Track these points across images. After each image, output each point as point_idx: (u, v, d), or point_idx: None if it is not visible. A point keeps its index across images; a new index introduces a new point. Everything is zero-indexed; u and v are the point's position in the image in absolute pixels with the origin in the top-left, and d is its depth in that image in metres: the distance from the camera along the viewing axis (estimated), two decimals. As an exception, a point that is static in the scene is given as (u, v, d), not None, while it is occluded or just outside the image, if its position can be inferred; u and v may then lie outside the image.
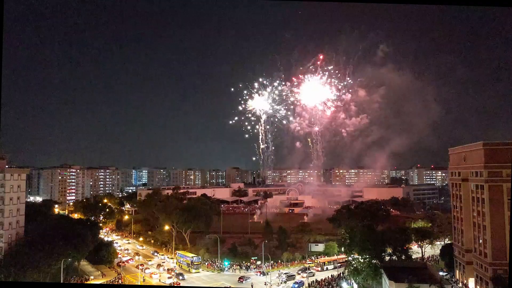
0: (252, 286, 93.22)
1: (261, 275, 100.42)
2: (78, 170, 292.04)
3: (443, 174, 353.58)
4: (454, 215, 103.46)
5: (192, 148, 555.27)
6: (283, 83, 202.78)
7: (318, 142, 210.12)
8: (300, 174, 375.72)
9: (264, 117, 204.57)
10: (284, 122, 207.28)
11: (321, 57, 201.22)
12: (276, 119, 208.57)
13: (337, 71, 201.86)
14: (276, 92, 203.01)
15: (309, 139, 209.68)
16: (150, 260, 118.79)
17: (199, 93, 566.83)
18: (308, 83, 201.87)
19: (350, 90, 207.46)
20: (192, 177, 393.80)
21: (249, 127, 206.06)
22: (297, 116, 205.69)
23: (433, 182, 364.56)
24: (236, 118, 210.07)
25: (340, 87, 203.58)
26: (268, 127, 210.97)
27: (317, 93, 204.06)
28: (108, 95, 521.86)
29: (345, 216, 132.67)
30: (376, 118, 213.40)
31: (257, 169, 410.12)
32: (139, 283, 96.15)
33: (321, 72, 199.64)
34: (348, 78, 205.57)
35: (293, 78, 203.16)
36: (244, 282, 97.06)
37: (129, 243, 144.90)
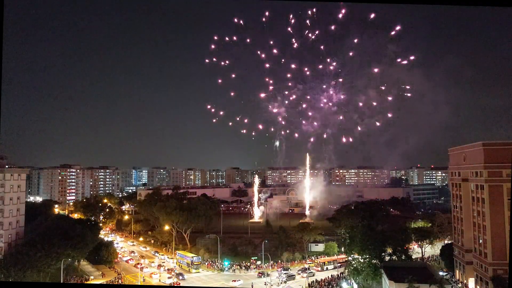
0: (252, 286, 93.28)
1: (283, 270, 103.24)
2: (78, 170, 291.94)
3: (443, 174, 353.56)
4: (454, 215, 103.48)
5: (192, 148, 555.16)
6: (295, 86, 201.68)
7: (330, 142, 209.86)
8: (300, 174, 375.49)
9: (278, 118, 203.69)
10: (295, 122, 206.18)
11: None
12: (284, 120, 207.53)
13: (346, 74, 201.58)
14: (287, 94, 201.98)
15: (324, 143, 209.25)
16: (152, 262, 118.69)
17: (200, 93, 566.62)
18: (320, 85, 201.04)
19: (362, 91, 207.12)
20: (192, 177, 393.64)
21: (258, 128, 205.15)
22: (309, 118, 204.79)
23: (433, 182, 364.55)
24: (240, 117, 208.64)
25: (352, 88, 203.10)
26: (272, 128, 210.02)
27: (330, 95, 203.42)
28: (109, 95, 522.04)
29: (345, 216, 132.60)
30: (387, 118, 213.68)
31: (257, 169, 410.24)
32: (139, 283, 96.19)
33: (333, 73, 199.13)
34: (359, 80, 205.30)
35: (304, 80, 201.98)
36: (263, 277, 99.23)
37: (133, 245, 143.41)
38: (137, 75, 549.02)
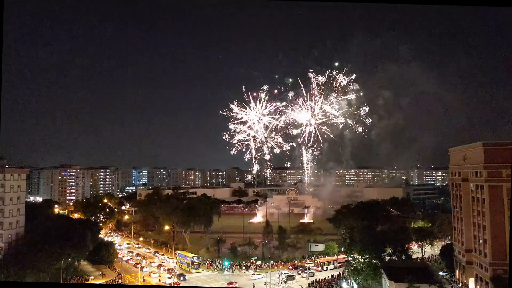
0: (253, 286, 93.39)
1: (293, 268, 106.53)
2: (78, 170, 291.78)
3: (443, 174, 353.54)
4: (454, 215, 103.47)
5: (192, 148, 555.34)
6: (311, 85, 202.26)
7: (347, 144, 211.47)
8: (300, 174, 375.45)
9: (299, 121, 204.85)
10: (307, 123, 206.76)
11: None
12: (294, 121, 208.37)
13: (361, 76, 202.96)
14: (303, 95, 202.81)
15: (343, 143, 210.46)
16: (152, 262, 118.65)
17: (200, 93, 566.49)
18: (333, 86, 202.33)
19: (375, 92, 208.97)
20: (192, 177, 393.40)
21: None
22: (323, 119, 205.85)
23: (433, 182, 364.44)
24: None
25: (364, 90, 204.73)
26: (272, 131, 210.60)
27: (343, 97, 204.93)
28: (108, 95, 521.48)
29: (345, 216, 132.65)
30: (397, 118, 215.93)
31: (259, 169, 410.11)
32: (139, 283, 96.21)
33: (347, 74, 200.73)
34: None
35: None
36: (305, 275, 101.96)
37: (139, 247, 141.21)
38: (136, 75, 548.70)
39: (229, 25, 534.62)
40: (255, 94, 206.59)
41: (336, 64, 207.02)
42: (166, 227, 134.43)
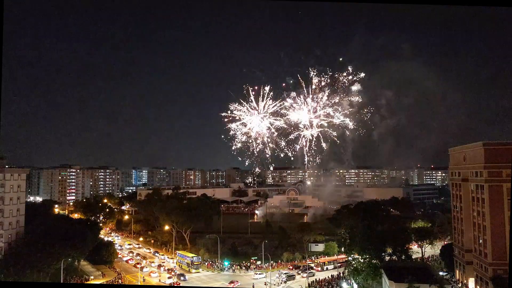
0: (253, 286, 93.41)
1: (293, 268, 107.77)
2: (78, 170, 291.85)
3: (443, 174, 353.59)
4: (454, 215, 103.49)
5: (192, 148, 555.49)
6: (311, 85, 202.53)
7: (350, 144, 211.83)
8: (301, 174, 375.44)
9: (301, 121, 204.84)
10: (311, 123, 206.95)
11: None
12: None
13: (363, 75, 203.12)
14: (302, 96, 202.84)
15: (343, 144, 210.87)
16: (152, 262, 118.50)
17: (200, 92, 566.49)
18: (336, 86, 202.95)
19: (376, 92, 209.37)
20: (192, 177, 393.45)
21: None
22: (327, 120, 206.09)
23: (433, 182, 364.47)
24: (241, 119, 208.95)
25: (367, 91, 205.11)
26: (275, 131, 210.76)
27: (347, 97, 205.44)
28: (108, 95, 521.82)
29: (345, 216, 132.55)
30: (399, 118, 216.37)
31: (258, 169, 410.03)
32: (139, 283, 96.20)
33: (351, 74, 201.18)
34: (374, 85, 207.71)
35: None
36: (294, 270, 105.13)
37: (139, 247, 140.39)
38: (137, 75, 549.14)
39: (230, 25, 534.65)
40: (256, 88, 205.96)
41: (340, 59, 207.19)
42: (166, 227, 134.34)
